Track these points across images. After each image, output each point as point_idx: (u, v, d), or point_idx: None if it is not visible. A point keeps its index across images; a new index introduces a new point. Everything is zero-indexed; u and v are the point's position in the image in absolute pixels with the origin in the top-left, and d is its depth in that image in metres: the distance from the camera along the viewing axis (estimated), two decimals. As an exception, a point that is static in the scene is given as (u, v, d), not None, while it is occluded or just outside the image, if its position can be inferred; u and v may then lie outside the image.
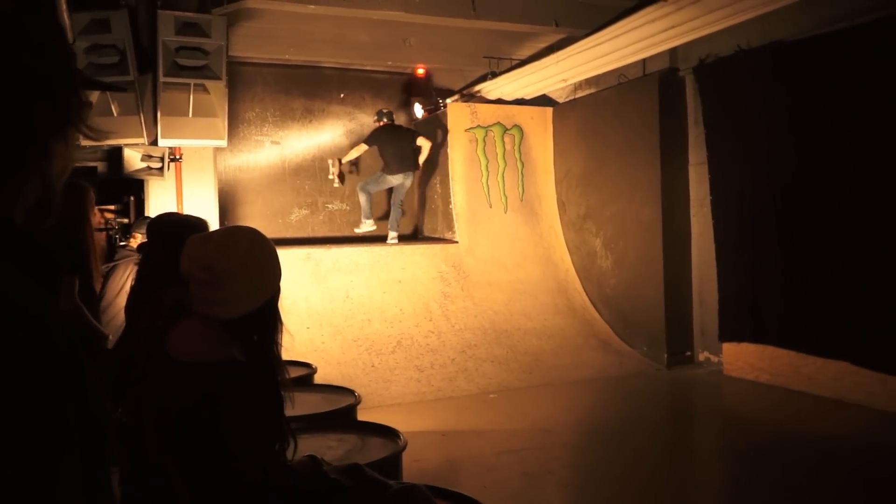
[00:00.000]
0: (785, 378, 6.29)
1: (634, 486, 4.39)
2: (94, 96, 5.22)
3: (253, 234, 1.91)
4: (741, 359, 6.74)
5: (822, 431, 5.24)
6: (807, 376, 6.09)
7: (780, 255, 6.22)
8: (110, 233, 5.94)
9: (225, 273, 1.78)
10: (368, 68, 9.65)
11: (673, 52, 7.32)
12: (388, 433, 2.83)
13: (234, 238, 1.87)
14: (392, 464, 2.56)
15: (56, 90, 0.83)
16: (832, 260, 5.78)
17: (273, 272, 1.90)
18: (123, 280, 4.62)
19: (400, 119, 9.93)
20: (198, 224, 2.69)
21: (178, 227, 2.63)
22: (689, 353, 7.48)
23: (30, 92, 0.79)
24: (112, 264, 4.91)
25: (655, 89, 7.42)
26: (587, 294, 8.55)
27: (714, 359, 7.23)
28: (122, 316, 3.18)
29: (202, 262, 1.80)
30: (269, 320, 1.86)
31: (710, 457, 5.35)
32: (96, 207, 4.15)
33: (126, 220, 6.46)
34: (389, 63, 9.42)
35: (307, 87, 9.53)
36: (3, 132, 0.77)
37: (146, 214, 6.29)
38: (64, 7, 4.27)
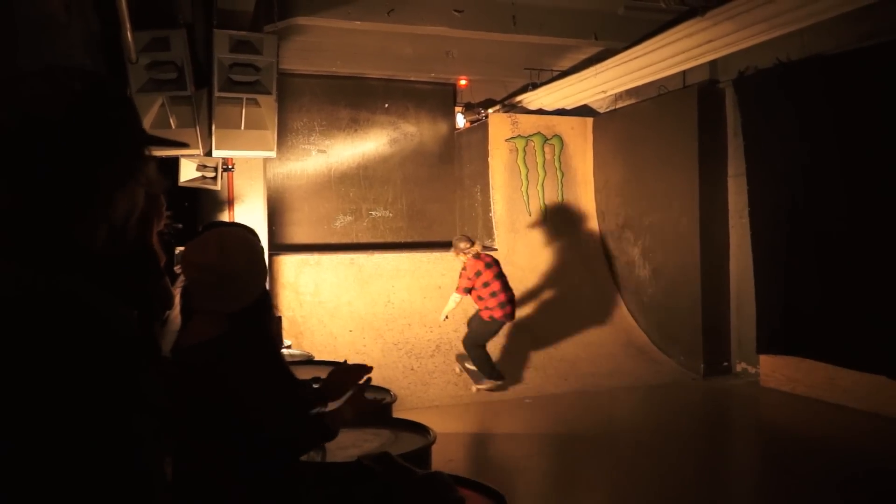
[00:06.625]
0: (821, 390, 6.29)
1: (665, 494, 4.45)
2: (155, 108, 5.55)
3: (247, 235, 2.10)
4: (778, 370, 6.75)
5: (858, 444, 5.26)
6: (843, 389, 6.09)
7: (818, 268, 6.24)
8: (166, 237, 6.24)
9: (229, 275, 1.96)
10: (412, 79, 9.90)
11: (713, 64, 7.38)
12: (419, 429, 3.04)
13: (231, 242, 2.03)
14: (422, 456, 2.76)
15: (121, 155, 1.06)
16: (870, 274, 5.78)
17: (265, 265, 2.14)
18: None
19: (441, 130, 10.16)
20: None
21: None
22: (726, 364, 7.52)
23: (98, 157, 1.02)
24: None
25: (695, 101, 7.50)
26: (625, 302, 8.63)
27: (751, 369, 7.25)
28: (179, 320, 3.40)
29: (205, 267, 1.97)
30: (265, 305, 2.10)
31: (744, 468, 5.39)
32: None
33: (180, 226, 6.76)
34: (432, 74, 9.66)
35: (353, 98, 9.82)
36: (75, 187, 1.00)
37: (201, 221, 6.59)
38: (128, 26, 4.60)
